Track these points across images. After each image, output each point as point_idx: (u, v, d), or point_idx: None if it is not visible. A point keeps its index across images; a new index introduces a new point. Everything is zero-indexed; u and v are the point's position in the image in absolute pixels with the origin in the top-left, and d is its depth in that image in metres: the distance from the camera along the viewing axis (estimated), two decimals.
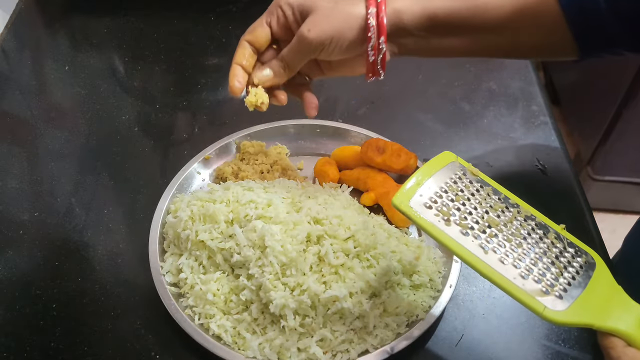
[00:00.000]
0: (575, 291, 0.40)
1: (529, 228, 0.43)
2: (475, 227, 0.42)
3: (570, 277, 0.41)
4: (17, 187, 0.67)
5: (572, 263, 0.42)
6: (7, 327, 0.54)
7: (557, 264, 0.42)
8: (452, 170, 0.46)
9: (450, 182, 0.45)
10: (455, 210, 0.43)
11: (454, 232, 0.41)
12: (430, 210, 0.42)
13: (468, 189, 0.45)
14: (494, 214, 0.43)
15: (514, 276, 0.40)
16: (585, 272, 0.42)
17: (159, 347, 0.53)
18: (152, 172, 0.69)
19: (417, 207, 0.42)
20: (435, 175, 0.44)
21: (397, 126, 0.75)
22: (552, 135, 0.74)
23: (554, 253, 0.42)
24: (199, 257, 0.54)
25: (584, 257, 0.43)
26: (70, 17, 0.93)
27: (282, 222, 0.52)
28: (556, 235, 0.44)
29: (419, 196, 0.43)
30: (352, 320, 0.51)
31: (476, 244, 0.41)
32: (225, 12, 0.93)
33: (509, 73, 0.83)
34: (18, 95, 0.79)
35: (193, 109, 0.78)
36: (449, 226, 0.42)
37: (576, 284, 0.41)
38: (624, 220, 1.64)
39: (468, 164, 0.47)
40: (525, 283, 0.40)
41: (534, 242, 0.43)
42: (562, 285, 0.40)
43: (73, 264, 0.59)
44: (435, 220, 0.42)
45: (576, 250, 0.44)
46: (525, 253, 0.41)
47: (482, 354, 0.53)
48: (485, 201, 0.44)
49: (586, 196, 0.67)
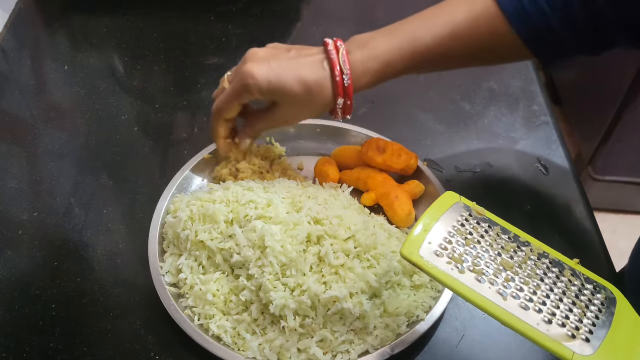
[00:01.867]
0: (600, 332, 0.39)
1: (544, 267, 0.42)
2: (490, 272, 0.40)
3: (594, 316, 0.40)
4: (16, 187, 0.67)
5: (592, 301, 0.41)
6: (6, 327, 0.54)
7: (578, 303, 0.40)
8: (457, 212, 0.44)
9: (458, 225, 0.43)
10: (466, 256, 0.41)
11: (469, 280, 0.39)
12: (441, 259, 0.40)
13: (477, 231, 0.43)
14: (506, 255, 0.42)
15: (537, 322, 0.38)
16: (608, 309, 0.41)
17: (159, 348, 0.53)
18: (151, 172, 0.69)
19: (427, 256, 0.40)
20: (442, 219, 0.43)
21: (398, 126, 0.75)
22: (553, 135, 0.74)
23: (573, 292, 0.41)
24: (198, 257, 0.54)
25: (603, 293, 0.42)
26: (69, 16, 0.93)
27: (282, 222, 0.52)
28: (572, 272, 0.42)
29: (428, 244, 0.41)
30: (352, 320, 0.51)
31: (494, 290, 0.39)
32: (225, 12, 0.93)
33: (509, 73, 0.83)
34: (17, 95, 0.79)
35: (193, 108, 0.78)
36: (463, 274, 0.40)
37: (600, 324, 0.39)
38: (625, 221, 1.64)
39: (472, 203, 0.45)
40: (549, 328, 0.38)
41: (552, 282, 0.41)
42: (587, 327, 0.39)
43: (72, 264, 0.59)
44: (448, 269, 0.40)
45: (594, 285, 0.42)
46: (545, 295, 0.40)
47: (483, 355, 0.53)
48: (495, 242, 0.43)
49: (587, 196, 0.67)
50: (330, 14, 0.95)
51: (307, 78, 0.52)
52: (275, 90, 0.53)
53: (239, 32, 0.89)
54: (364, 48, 0.53)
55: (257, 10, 0.93)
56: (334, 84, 0.53)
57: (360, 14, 0.96)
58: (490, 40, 0.53)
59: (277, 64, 0.53)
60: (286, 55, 0.54)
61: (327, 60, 0.53)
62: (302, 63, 0.53)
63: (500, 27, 0.52)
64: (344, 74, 0.52)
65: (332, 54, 0.53)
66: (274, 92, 0.53)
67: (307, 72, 0.53)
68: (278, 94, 0.53)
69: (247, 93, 0.54)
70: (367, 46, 0.53)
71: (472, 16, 0.52)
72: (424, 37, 0.53)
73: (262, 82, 0.52)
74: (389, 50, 0.53)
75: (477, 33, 0.52)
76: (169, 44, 0.87)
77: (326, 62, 0.53)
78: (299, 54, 0.54)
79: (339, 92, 0.53)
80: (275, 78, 0.52)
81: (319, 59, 0.53)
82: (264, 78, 0.52)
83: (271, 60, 0.53)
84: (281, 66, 0.53)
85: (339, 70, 0.52)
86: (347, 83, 0.52)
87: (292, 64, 0.53)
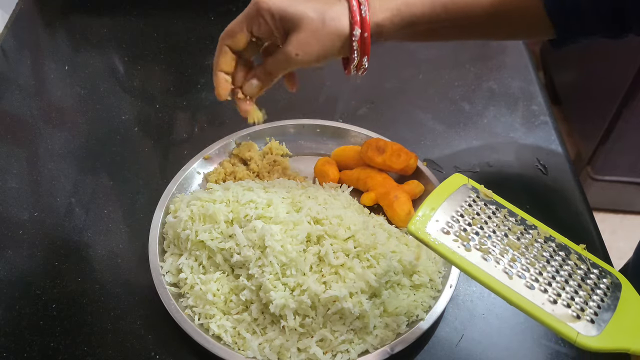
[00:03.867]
0: (606, 314, 0.39)
1: (550, 250, 0.42)
2: (496, 252, 0.40)
3: (599, 299, 0.40)
4: (17, 187, 0.67)
5: (598, 285, 0.41)
6: (6, 327, 0.54)
7: (584, 286, 0.40)
8: (465, 194, 0.44)
9: (465, 205, 0.43)
10: (473, 235, 0.41)
11: (475, 258, 0.40)
12: (448, 236, 0.40)
13: (484, 212, 0.43)
14: (513, 236, 0.42)
15: (543, 302, 0.38)
16: (613, 294, 0.41)
17: (159, 347, 0.53)
18: (151, 172, 0.69)
19: (434, 233, 0.40)
20: (449, 199, 0.43)
21: (397, 126, 0.75)
22: (553, 135, 0.74)
23: (579, 275, 0.41)
24: (198, 257, 0.54)
25: (609, 278, 0.42)
26: (70, 16, 0.93)
27: (282, 222, 0.52)
28: (578, 256, 0.42)
29: (435, 221, 0.41)
30: (352, 320, 0.51)
31: (499, 269, 0.39)
32: (225, 12, 0.93)
33: (509, 73, 0.83)
34: (18, 95, 0.79)
35: (193, 108, 0.78)
36: (469, 252, 0.40)
37: (606, 307, 0.39)
38: (624, 221, 1.64)
39: (480, 185, 0.46)
40: (554, 308, 0.38)
41: (558, 264, 0.41)
42: (592, 309, 0.39)
43: (73, 264, 0.59)
44: (454, 247, 0.40)
45: (600, 270, 0.42)
46: (551, 277, 0.40)
47: (482, 354, 0.53)
48: (502, 224, 0.43)
49: (586, 196, 0.67)
50: None
51: (322, 6, 0.51)
52: (287, 12, 0.50)
53: None
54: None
55: None
56: (351, 15, 0.51)
57: None
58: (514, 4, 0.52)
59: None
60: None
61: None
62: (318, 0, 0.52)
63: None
64: (361, 4, 0.51)
65: None
66: (286, 14, 0.50)
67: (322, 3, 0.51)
68: (290, 17, 0.50)
69: (259, 17, 0.51)
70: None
71: None
72: None
73: (275, 5, 0.50)
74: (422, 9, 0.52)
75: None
76: (169, 44, 0.88)
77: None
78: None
79: (355, 22, 0.50)
80: (289, 3, 0.50)
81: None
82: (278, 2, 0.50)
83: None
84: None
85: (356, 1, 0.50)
86: (365, 13, 0.51)
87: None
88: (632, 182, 1.56)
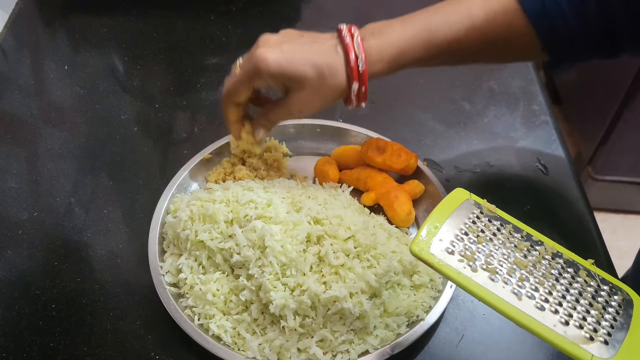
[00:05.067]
0: (619, 334, 0.37)
1: (558, 267, 0.41)
2: (504, 271, 0.39)
3: (612, 318, 0.39)
4: (16, 187, 0.67)
5: (610, 302, 0.40)
6: (6, 327, 0.54)
7: (595, 305, 0.39)
8: (468, 210, 0.43)
9: (469, 222, 0.42)
10: (479, 254, 0.40)
11: (482, 279, 0.38)
12: (452, 256, 0.39)
13: (489, 229, 0.42)
14: (520, 254, 0.41)
15: (554, 323, 0.37)
16: (625, 311, 0.39)
17: (159, 347, 0.53)
18: (151, 172, 0.69)
19: (439, 253, 0.39)
20: (452, 216, 0.42)
21: (398, 126, 0.75)
22: (553, 135, 0.74)
23: (589, 293, 0.40)
24: (198, 257, 0.54)
25: (620, 295, 0.40)
26: (69, 16, 0.93)
27: (282, 222, 0.52)
28: (587, 273, 0.41)
29: (439, 241, 0.40)
30: (352, 320, 0.51)
31: (508, 290, 0.38)
32: (225, 12, 0.93)
33: (509, 72, 0.83)
34: (17, 95, 0.79)
35: (192, 108, 0.78)
36: (476, 272, 0.38)
37: (619, 326, 0.38)
38: (625, 221, 1.64)
39: (483, 200, 0.45)
40: (567, 330, 0.37)
41: (568, 282, 0.40)
42: (606, 329, 0.38)
43: (72, 264, 0.59)
44: (460, 267, 0.39)
45: (611, 287, 0.41)
46: (561, 296, 0.39)
47: (483, 355, 0.53)
48: (508, 241, 0.41)
49: (587, 196, 0.67)
50: (330, 14, 0.95)
51: (319, 62, 0.51)
52: (286, 74, 0.51)
53: (239, 32, 0.89)
54: (379, 35, 0.52)
55: (257, 10, 0.93)
56: (348, 69, 0.52)
57: (360, 14, 0.96)
58: (506, 34, 0.52)
59: (289, 48, 0.52)
60: (299, 40, 0.53)
61: (341, 45, 0.52)
62: (315, 48, 0.52)
63: (517, 21, 0.52)
64: (358, 58, 0.51)
65: (346, 39, 0.52)
66: (286, 76, 0.52)
67: (320, 56, 0.51)
68: (290, 78, 0.52)
69: (258, 76, 0.52)
70: (382, 33, 0.53)
71: (489, 8, 0.52)
72: (441, 26, 0.52)
73: (273, 66, 0.51)
74: (404, 38, 0.52)
75: (494, 25, 0.52)
76: (169, 44, 0.88)
77: (340, 47, 0.52)
78: (313, 40, 0.53)
79: (353, 77, 0.52)
80: (286, 62, 0.51)
81: (332, 44, 0.52)
82: (276, 62, 0.51)
83: (284, 45, 0.52)
84: (293, 50, 0.52)
85: (353, 55, 0.51)
86: (362, 68, 0.51)
87: (305, 48, 0.52)
88: (633, 182, 1.56)
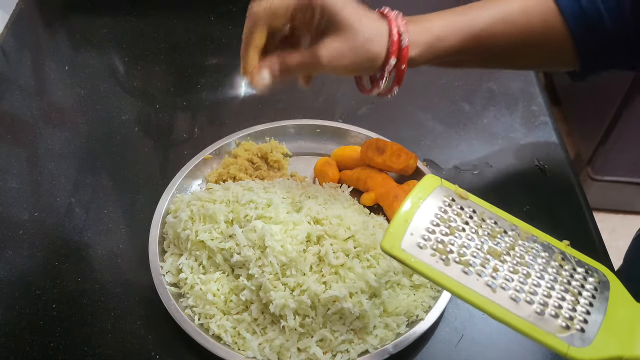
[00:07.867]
0: (596, 319, 0.37)
1: (533, 252, 0.40)
2: (477, 263, 0.38)
3: (587, 303, 0.38)
4: (17, 187, 0.67)
5: (585, 286, 0.39)
6: (6, 327, 0.54)
7: (570, 290, 0.38)
8: (439, 198, 0.41)
9: (441, 212, 0.40)
10: (452, 246, 0.38)
11: (455, 273, 0.37)
12: (425, 251, 0.38)
13: (460, 217, 0.41)
14: (493, 242, 0.40)
15: (529, 314, 0.36)
16: (601, 294, 0.39)
17: (159, 347, 0.53)
18: (151, 172, 0.69)
19: (410, 249, 0.38)
20: (423, 206, 0.40)
21: (397, 126, 0.75)
22: (552, 136, 0.74)
23: (564, 278, 0.39)
24: (198, 257, 0.54)
25: (596, 277, 0.40)
26: (69, 16, 0.93)
27: (282, 222, 0.52)
28: (562, 255, 0.40)
29: (410, 235, 0.38)
30: (352, 320, 0.51)
31: (482, 282, 0.37)
32: (225, 12, 0.93)
33: (509, 73, 0.83)
34: (18, 95, 0.79)
35: (193, 109, 0.78)
36: (449, 266, 0.38)
37: (595, 310, 0.37)
38: (624, 221, 1.64)
39: (454, 186, 0.43)
40: (542, 320, 0.36)
41: (542, 268, 0.39)
42: (582, 316, 0.37)
43: (73, 264, 0.59)
44: (433, 262, 0.37)
45: (586, 269, 0.40)
46: (535, 284, 0.38)
47: (482, 354, 0.53)
48: (481, 228, 0.40)
49: (586, 196, 0.67)
50: None
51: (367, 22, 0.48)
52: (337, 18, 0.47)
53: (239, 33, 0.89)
54: (418, 22, 0.52)
55: None
56: (390, 41, 0.49)
57: None
58: (541, 33, 0.53)
59: None
60: None
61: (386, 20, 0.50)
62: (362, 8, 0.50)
63: (553, 20, 0.52)
64: (401, 35, 0.49)
65: (390, 15, 0.50)
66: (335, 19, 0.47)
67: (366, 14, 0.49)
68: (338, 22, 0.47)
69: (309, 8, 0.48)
70: (421, 20, 0.52)
71: (526, 5, 0.52)
72: (479, 17, 0.52)
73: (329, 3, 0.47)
74: (443, 26, 0.52)
75: (531, 22, 0.52)
76: (169, 44, 0.88)
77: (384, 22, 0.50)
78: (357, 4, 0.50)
79: (393, 52, 0.49)
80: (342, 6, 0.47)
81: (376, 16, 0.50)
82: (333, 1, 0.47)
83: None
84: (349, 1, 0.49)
85: (396, 30, 0.49)
86: (405, 43, 0.49)
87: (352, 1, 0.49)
88: (632, 182, 1.56)
